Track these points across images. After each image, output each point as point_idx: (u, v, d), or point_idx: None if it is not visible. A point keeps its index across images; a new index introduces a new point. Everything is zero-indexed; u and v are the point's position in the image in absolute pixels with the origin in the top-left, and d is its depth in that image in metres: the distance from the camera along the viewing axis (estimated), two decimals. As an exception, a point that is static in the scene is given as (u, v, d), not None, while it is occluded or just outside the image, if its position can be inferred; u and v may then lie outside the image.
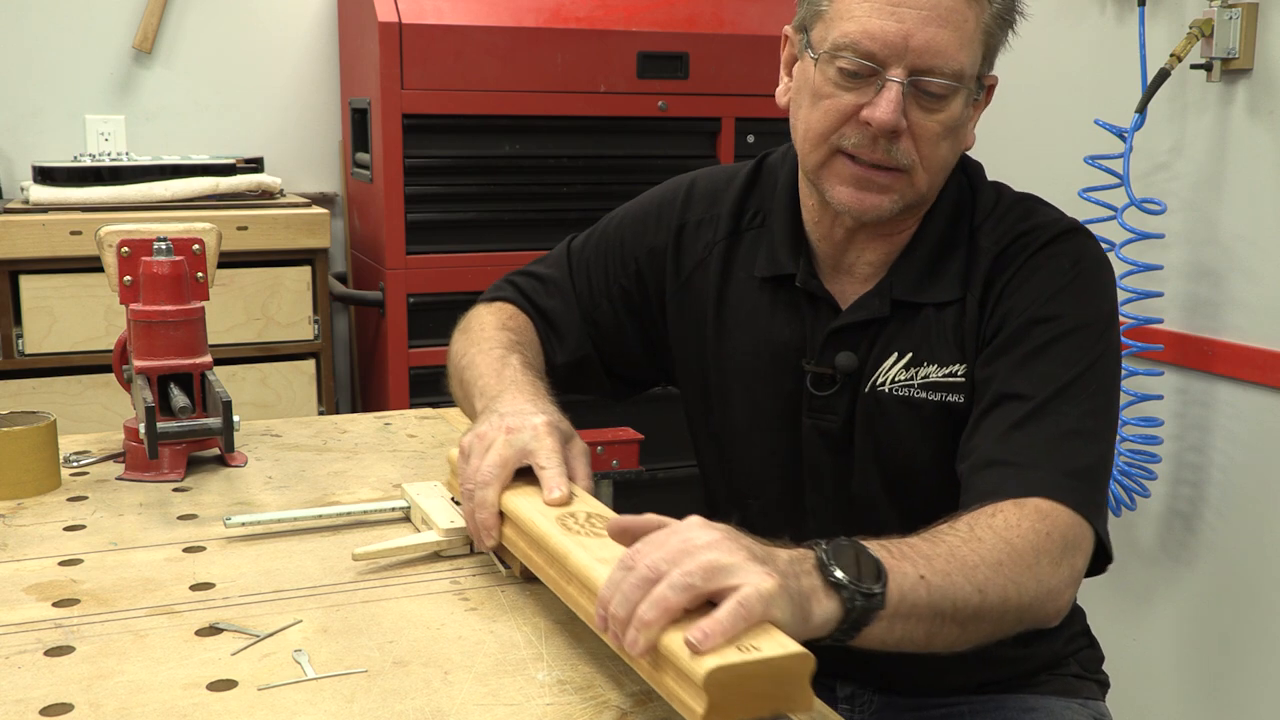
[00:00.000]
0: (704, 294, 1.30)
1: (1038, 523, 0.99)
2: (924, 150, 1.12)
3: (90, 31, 2.75)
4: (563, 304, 1.36)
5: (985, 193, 1.23)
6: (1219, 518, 2.05)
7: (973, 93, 1.13)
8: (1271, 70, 1.90)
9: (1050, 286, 1.13)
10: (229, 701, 0.83)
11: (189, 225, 1.41)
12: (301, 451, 1.46)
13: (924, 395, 1.16)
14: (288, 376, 2.54)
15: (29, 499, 1.27)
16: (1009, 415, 1.08)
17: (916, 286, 1.18)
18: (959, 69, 1.09)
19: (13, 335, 2.33)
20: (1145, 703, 2.19)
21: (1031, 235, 1.17)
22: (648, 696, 0.85)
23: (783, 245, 1.24)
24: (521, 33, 2.58)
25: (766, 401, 1.25)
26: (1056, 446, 1.06)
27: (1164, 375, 2.11)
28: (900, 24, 1.07)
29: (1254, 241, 1.95)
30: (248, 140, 2.88)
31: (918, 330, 1.17)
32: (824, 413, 1.21)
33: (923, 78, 1.09)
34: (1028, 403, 1.08)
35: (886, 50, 1.08)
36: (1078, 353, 1.11)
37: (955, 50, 1.08)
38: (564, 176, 2.66)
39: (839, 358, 1.19)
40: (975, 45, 1.11)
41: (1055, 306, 1.12)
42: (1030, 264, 1.15)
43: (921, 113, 1.10)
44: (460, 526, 1.12)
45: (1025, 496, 1.01)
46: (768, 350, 1.24)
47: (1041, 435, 1.06)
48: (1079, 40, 2.27)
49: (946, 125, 1.12)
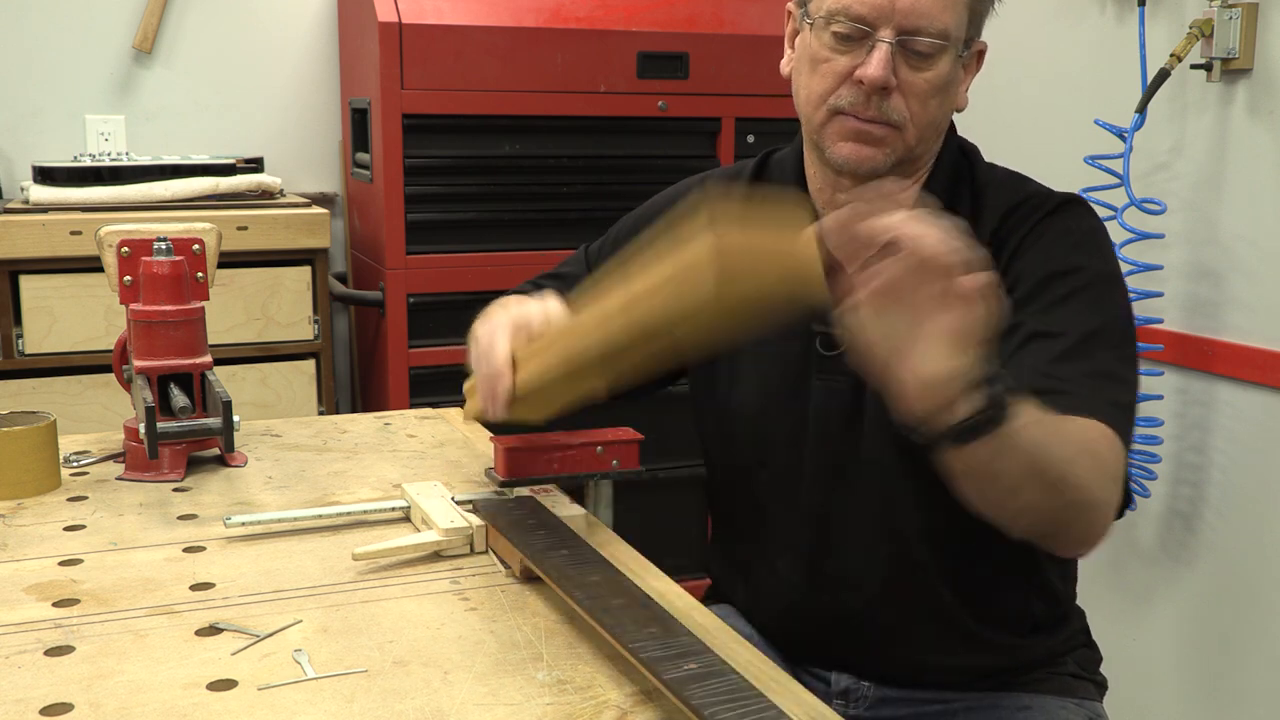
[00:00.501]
0: None
1: (1088, 432, 1.04)
2: (914, 107, 1.19)
3: (90, 31, 2.75)
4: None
5: (982, 165, 1.31)
6: (1219, 518, 2.05)
7: (960, 53, 1.20)
8: (1271, 70, 1.90)
9: (1066, 243, 1.19)
10: (229, 701, 0.83)
11: (189, 225, 1.41)
12: (301, 451, 1.46)
13: None
14: (288, 376, 2.54)
15: (29, 499, 1.27)
16: (1048, 350, 1.12)
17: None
18: (944, 29, 1.17)
19: (13, 335, 2.33)
20: (1145, 703, 2.19)
21: (1040, 198, 1.24)
22: (648, 696, 0.85)
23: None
24: (521, 33, 2.58)
25: (777, 370, 1.28)
26: (1099, 381, 1.11)
27: (1164, 375, 2.11)
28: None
29: (1254, 241, 1.95)
30: (248, 140, 2.88)
31: None
32: (834, 373, 1.24)
33: (910, 37, 1.17)
34: (1063, 339, 1.13)
35: (875, 13, 1.16)
36: (1102, 302, 1.17)
37: (939, 11, 1.17)
38: (564, 176, 2.66)
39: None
40: (960, 8, 1.19)
41: (1074, 260, 1.18)
42: (1043, 224, 1.21)
43: (910, 71, 1.18)
44: (460, 526, 1.12)
45: (1074, 415, 1.05)
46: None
47: (1083, 369, 1.11)
48: (1079, 40, 2.27)
49: (934, 83, 1.19)
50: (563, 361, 1.05)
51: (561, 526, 1.11)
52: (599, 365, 1.02)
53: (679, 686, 0.79)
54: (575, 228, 2.65)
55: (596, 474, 1.25)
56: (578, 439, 1.25)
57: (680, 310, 0.90)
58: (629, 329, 0.97)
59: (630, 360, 1.00)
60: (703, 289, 0.84)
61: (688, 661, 0.82)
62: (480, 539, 1.13)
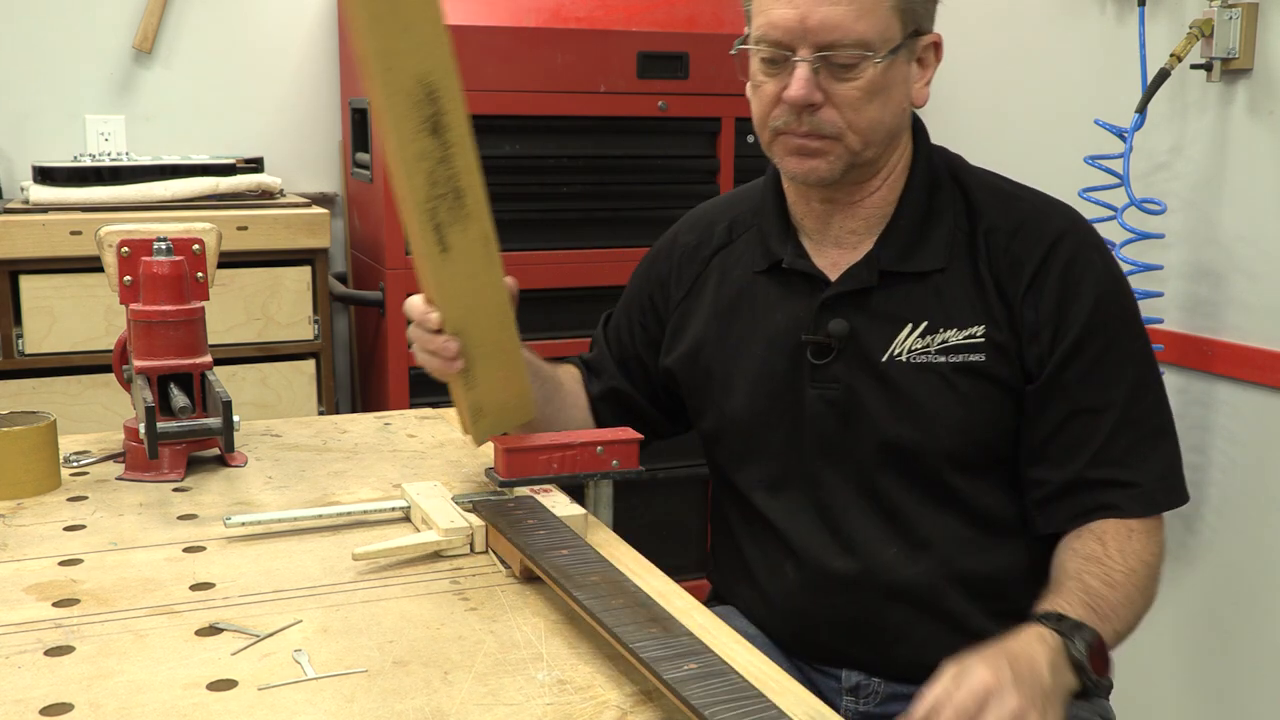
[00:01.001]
0: (704, 298, 1.39)
1: (1155, 540, 1.21)
2: (848, 115, 1.21)
3: (90, 31, 2.75)
4: (599, 353, 1.52)
5: (967, 166, 1.33)
6: (1219, 518, 2.05)
7: (889, 57, 1.20)
8: (1271, 70, 1.90)
9: (1095, 289, 1.23)
10: (229, 701, 0.83)
11: (189, 225, 1.41)
12: (301, 451, 1.46)
13: (943, 359, 1.23)
14: (288, 376, 2.54)
15: (29, 499, 1.27)
16: (1097, 429, 1.22)
17: (902, 256, 1.26)
18: (861, 38, 1.18)
19: (13, 335, 2.33)
20: (1146, 703, 2.19)
21: (1044, 219, 1.26)
22: (648, 696, 0.85)
23: (773, 234, 1.33)
24: (521, 33, 2.57)
25: (771, 381, 1.31)
26: (1149, 451, 1.23)
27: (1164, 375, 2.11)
28: (795, 9, 1.18)
29: (1254, 241, 1.95)
30: (248, 140, 2.87)
31: (929, 299, 1.25)
32: (826, 381, 1.27)
33: (829, 52, 1.18)
34: (1109, 414, 1.22)
35: (789, 35, 1.19)
36: (1132, 348, 1.25)
37: (852, 22, 1.17)
38: (564, 176, 2.66)
39: (832, 324, 1.26)
40: (879, 13, 1.19)
41: (1105, 309, 1.23)
42: (1051, 260, 1.23)
43: (837, 82, 1.19)
44: (460, 526, 1.12)
45: (1143, 516, 1.20)
46: (766, 333, 1.31)
47: (1133, 440, 1.22)
48: (1079, 40, 2.27)
49: (865, 90, 1.20)
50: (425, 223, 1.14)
51: (561, 526, 1.11)
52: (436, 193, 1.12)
53: (679, 686, 0.79)
54: (575, 228, 2.65)
55: (596, 474, 1.25)
56: (578, 439, 1.25)
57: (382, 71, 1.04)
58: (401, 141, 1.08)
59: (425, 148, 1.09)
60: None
61: (688, 661, 0.82)
62: (480, 539, 1.13)
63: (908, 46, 1.22)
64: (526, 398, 1.31)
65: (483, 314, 1.21)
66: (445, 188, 1.12)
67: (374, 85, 1.05)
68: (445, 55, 1.08)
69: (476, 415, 1.25)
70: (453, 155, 1.11)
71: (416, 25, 1.05)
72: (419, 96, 1.07)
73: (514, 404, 1.28)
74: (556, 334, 2.62)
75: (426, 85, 1.07)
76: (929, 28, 1.25)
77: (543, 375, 1.40)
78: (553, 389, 1.41)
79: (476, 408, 1.24)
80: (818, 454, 1.28)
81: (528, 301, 2.31)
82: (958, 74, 2.65)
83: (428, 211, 1.12)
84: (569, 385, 1.46)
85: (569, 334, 2.60)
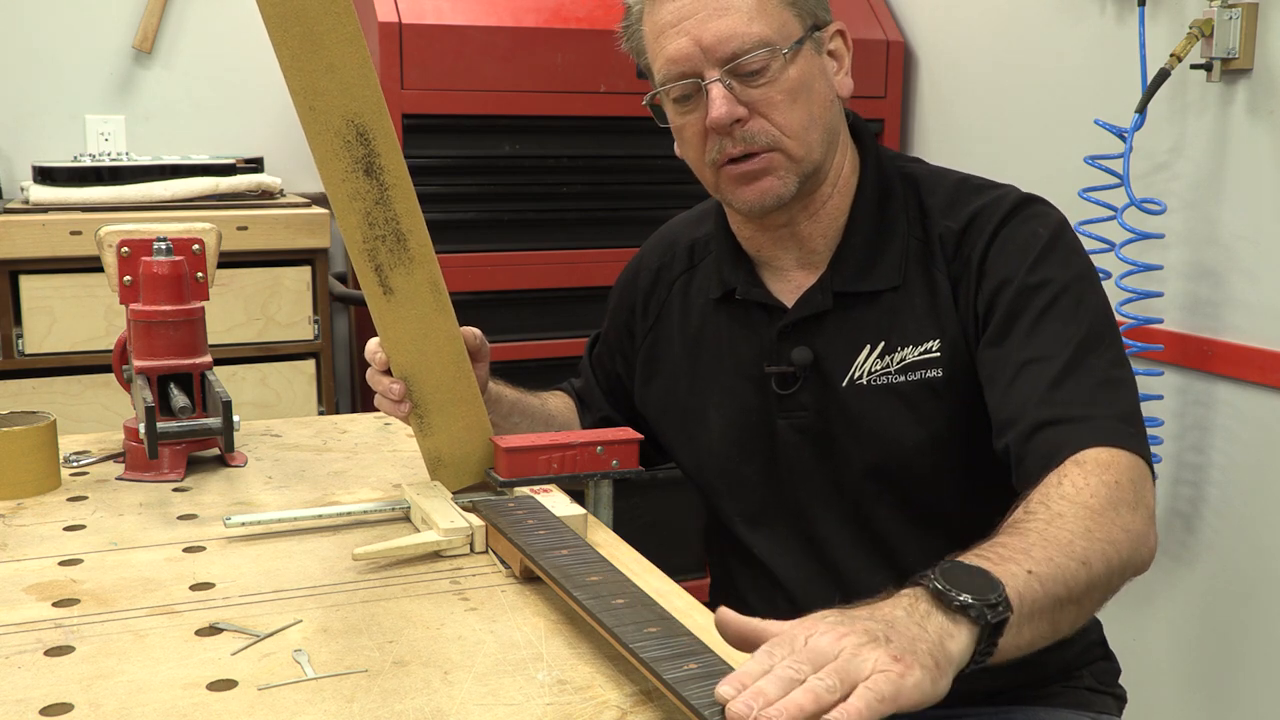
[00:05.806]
0: (670, 328, 1.38)
1: (1104, 474, 0.99)
2: (778, 119, 1.18)
3: (90, 31, 2.75)
4: (586, 382, 1.52)
5: (916, 163, 1.28)
6: (1219, 518, 2.05)
7: (794, 48, 1.17)
8: (1271, 70, 1.90)
9: (1030, 252, 1.16)
10: (229, 701, 0.83)
11: (189, 225, 1.41)
12: (301, 451, 1.46)
13: (902, 378, 1.20)
14: (288, 376, 2.54)
15: (29, 499, 1.27)
16: (1041, 376, 1.10)
17: (856, 277, 1.23)
18: (761, 38, 1.16)
19: (13, 335, 2.33)
20: (1145, 703, 2.19)
21: (992, 207, 1.20)
22: (648, 696, 0.85)
23: (725, 263, 1.31)
24: (521, 33, 2.57)
25: (739, 415, 1.29)
26: (1098, 395, 1.08)
27: (1164, 375, 2.11)
28: (686, 36, 1.17)
29: (1254, 241, 1.95)
30: (248, 140, 2.87)
31: (884, 318, 1.21)
32: (795, 410, 1.25)
33: (734, 62, 1.16)
34: (1055, 361, 1.10)
35: (690, 63, 1.17)
36: (1080, 308, 1.14)
37: (745, 26, 1.16)
38: (564, 176, 2.66)
39: (794, 353, 1.24)
40: (770, 12, 1.17)
41: (1043, 271, 1.15)
42: (1002, 235, 1.18)
43: (756, 90, 1.17)
44: (460, 526, 1.12)
45: (1083, 449, 1.02)
46: (731, 365, 1.30)
47: (1081, 387, 1.09)
48: (1079, 40, 2.27)
49: (786, 89, 1.17)
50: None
51: (561, 526, 1.11)
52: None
53: (679, 686, 0.79)
54: (575, 228, 2.65)
55: (596, 474, 1.25)
56: (578, 439, 1.25)
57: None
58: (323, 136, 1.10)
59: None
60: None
61: (688, 661, 0.82)
62: (480, 539, 1.13)
63: (812, 39, 1.20)
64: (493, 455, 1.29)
65: (435, 361, 1.21)
66: (385, 229, 1.14)
67: (303, 123, 1.08)
68: (375, 99, 1.09)
69: (435, 464, 1.25)
70: (391, 198, 1.12)
71: (340, 68, 1.07)
72: (349, 137, 1.09)
73: (478, 457, 1.26)
74: (556, 334, 2.62)
75: (356, 126, 1.09)
76: (827, 19, 1.22)
77: (530, 412, 1.41)
78: (543, 426, 1.42)
79: (434, 456, 1.25)
80: (796, 484, 1.27)
81: (528, 301, 2.32)
82: (958, 74, 2.65)
83: (367, 252, 1.14)
84: (562, 417, 1.47)
85: (569, 334, 2.60)
